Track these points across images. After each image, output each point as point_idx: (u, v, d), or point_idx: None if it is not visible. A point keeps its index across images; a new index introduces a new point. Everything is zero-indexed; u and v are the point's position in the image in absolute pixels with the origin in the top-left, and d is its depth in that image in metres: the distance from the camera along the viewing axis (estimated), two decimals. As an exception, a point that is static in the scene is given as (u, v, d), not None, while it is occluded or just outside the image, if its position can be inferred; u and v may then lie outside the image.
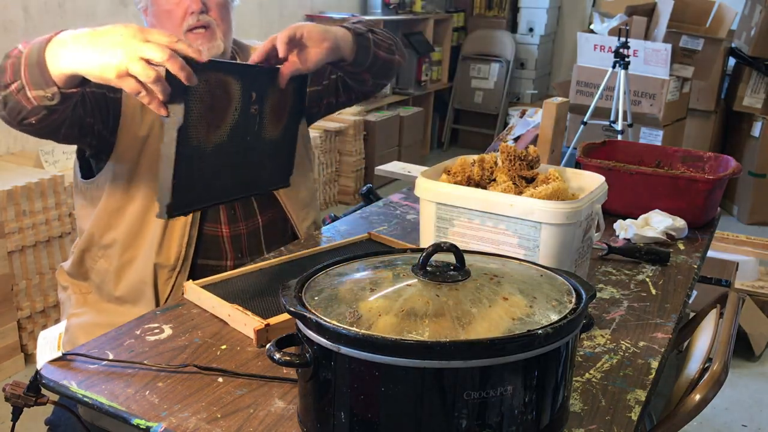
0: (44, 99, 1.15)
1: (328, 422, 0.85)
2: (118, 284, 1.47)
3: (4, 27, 2.79)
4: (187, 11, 1.41)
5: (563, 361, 0.86)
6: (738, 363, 2.86)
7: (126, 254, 1.46)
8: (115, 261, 1.46)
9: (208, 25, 1.44)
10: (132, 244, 1.46)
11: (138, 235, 1.45)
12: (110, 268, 1.47)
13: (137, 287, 1.45)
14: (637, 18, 4.17)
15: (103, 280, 1.49)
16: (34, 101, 1.15)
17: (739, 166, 1.82)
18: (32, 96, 1.15)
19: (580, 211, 1.18)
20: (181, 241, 1.45)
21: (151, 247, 1.44)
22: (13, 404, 1.04)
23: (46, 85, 1.13)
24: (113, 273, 1.47)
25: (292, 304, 0.87)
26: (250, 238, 1.56)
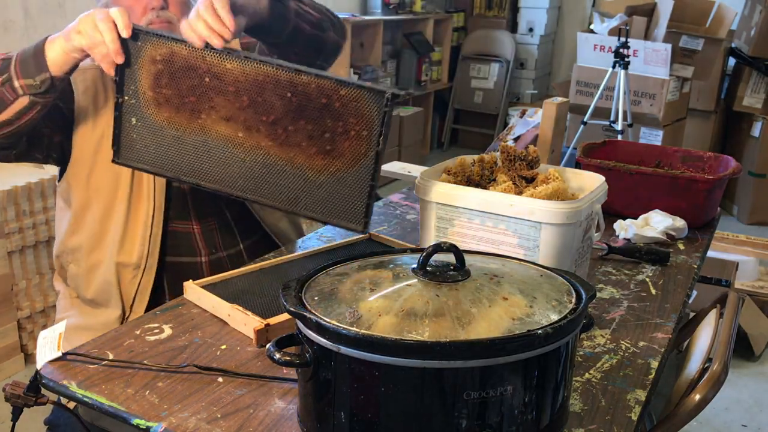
0: (32, 87, 1.25)
1: (328, 422, 0.85)
2: (88, 287, 1.49)
3: (4, 27, 2.79)
4: (147, 7, 1.41)
5: (563, 361, 0.86)
6: (738, 363, 2.86)
7: (91, 257, 1.47)
8: (83, 264, 1.48)
9: (169, 21, 1.43)
10: (96, 247, 1.47)
11: (101, 238, 1.46)
12: (80, 272, 1.49)
13: (104, 288, 1.47)
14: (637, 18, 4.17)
15: (76, 284, 1.51)
16: (19, 90, 1.25)
17: (739, 166, 1.82)
18: (19, 85, 1.25)
19: (580, 211, 1.18)
20: (143, 239, 1.45)
21: (113, 247, 1.45)
22: (13, 404, 1.04)
23: (39, 71, 1.25)
24: (83, 276, 1.49)
25: (292, 304, 0.87)
26: (223, 231, 1.55)
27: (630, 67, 3.81)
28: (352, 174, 1.20)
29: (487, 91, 5.98)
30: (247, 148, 1.25)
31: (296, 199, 1.24)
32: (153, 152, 1.30)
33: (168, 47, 1.23)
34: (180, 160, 1.29)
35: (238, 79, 1.21)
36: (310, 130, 1.20)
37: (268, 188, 1.26)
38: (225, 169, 1.27)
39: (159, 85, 1.25)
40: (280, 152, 1.23)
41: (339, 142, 1.19)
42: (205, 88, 1.23)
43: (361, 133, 1.18)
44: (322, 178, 1.22)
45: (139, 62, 1.25)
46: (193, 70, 1.23)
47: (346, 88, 1.16)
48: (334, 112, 1.18)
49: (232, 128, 1.24)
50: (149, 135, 1.29)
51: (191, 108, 1.25)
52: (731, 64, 4.77)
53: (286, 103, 1.20)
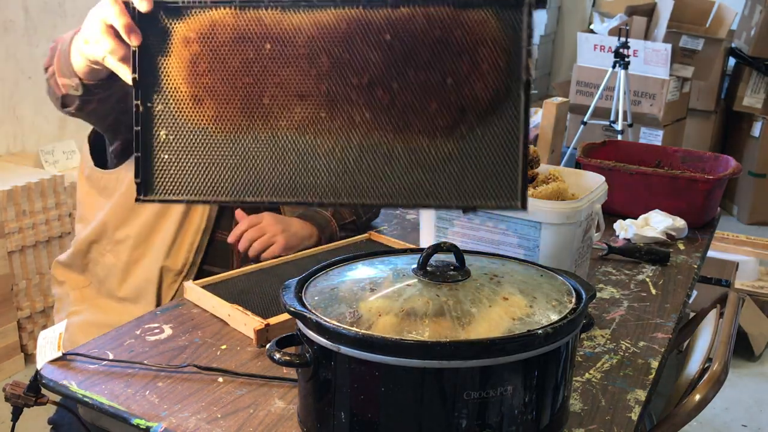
0: (70, 88, 1.15)
1: (328, 422, 0.85)
2: (122, 282, 1.46)
3: (4, 27, 2.79)
4: None
5: (563, 361, 0.86)
6: (738, 363, 2.85)
7: (136, 252, 1.44)
8: (124, 257, 1.44)
9: None
10: (143, 243, 1.44)
11: (150, 235, 1.43)
12: (118, 264, 1.45)
13: (141, 286, 1.44)
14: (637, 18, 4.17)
15: (107, 275, 1.47)
16: (63, 89, 1.16)
17: (739, 166, 1.82)
18: (61, 84, 1.15)
19: (580, 211, 1.18)
20: (191, 247, 1.43)
21: (160, 249, 1.42)
22: (13, 404, 1.04)
23: (71, 74, 1.12)
24: (120, 269, 1.45)
25: (292, 304, 0.87)
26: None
27: (630, 67, 3.80)
28: (492, 127, 0.88)
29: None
30: (335, 131, 0.91)
31: (420, 187, 0.90)
32: (198, 174, 0.93)
33: (205, 16, 0.90)
34: (239, 175, 0.93)
35: (311, 35, 0.89)
36: (424, 80, 0.88)
37: (374, 182, 0.90)
38: (306, 171, 0.92)
39: (197, 72, 0.91)
40: (384, 124, 0.90)
41: (468, 85, 0.87)
42: (266, 60, 0.90)
43: (498, 63, 0.87)
44: (449, 147, 0.89)
45: (166, 50, 0.91)
46: (246, 40, 0.90)
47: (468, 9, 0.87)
48: (456, 46, 0.87)
49: (311, 107, 0.91)
50: (189, 150, 0.93)
51: (248, 94, 0.91)
52: (731, 64, 4.76)
53: (385, 52, 0.88)
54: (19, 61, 2.86)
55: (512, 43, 0.87)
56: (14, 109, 2.89)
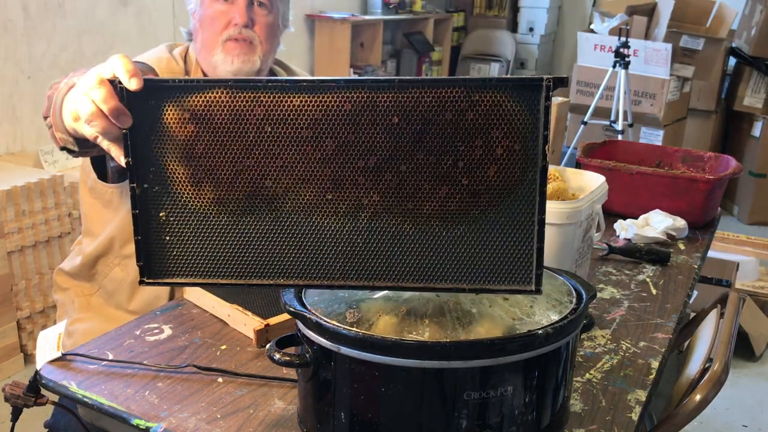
0: (68, 143, 1.11)
1: (328, 422, 0.85)
2: (132, 296, 1.44)
3: (4, 26, 2.78)
4: (231, 22, 1.40)
5: (563, 361, 0.86)
6: (738, 363, 2.85)
7: None
8: (133, 272, 1.42)
9: (250, 40, 1.41)
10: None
11: None
12: (127, 278, 1.44)
13: (151, 301, 1.43)
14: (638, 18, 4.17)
15: (116, 289, 1.46)
16: (60, 142, 1.13)
17: (740, 165, 1.82)
18: (58, 137, 1.12)
19: (581, 211, 1.18)
20: None
21: None
22: (13, 404, 1.04)
23: (66, 133, 1.08)
24: (129, 284, 1.44)
25: (292, 304, 0.87)
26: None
27: (630, 66, 3.80)
28: (505, 210, 0.85)
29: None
30: (342, 213, 0.87)
31: (431, 269, 0.87)
32: (201, 255, 0.90)
33: (200, 96, 0.85)
34: (243, 258, 0.90)
35: (314, 117, 0.85)
36: (435, 163, 0.85)
37: (381, 263, 0.87)
38: (314, 253, 0.89)
39: (194, 154, 0.87)
40: (392, 207, 0.86)
41: (481, 169, 0.84)
42: (268, 142, 0.86)
43: (514, 147, 0.84)
44: (461, 229, 0.86)
45: (159, 130, 0.86)
46: (245, 121, 0.86)
47: (481, 90, 0.83)
48: (467, 129, 0.84)
49: (316, 190, 0.87)
50: (191, 231, 0.89)
51: (250, 176, 0.87)
52: (732, 63, 4.77)
53: (393, 134, 0.84)
54: (19, 61, 2.86)
55: (528, 127, 0.83)
56: (14, 109, 2.89)
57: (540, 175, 0.83)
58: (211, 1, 1.42)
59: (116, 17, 3.30)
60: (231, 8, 1.41)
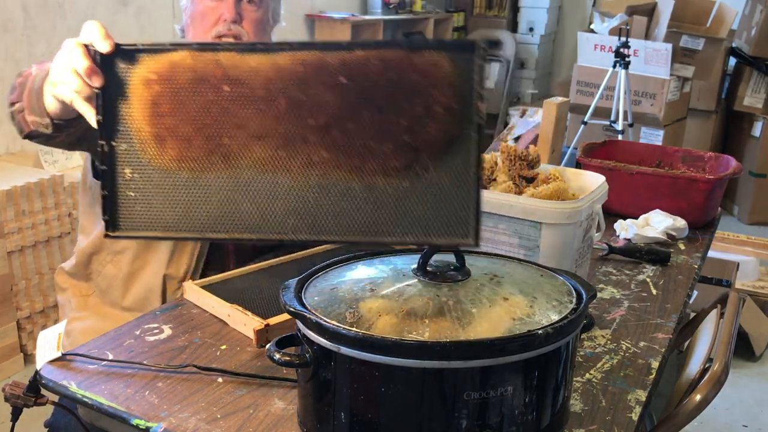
0: (40, 126, 1.15)
1: (328, 422, 0.85)
2: (125, 292, 1.45)
3: (4, 26, 2.78)
4: (220, 18, 1.41)
5: (563, 361, 0.86)
6: (738, 363, 2.85)
7: (137, 262, 1.44)
8: (125, 268, 1.44)
9: (239, 36, 1.43)
10: (143, 253, 1.43)
11: (150, 245, 1.43)
12: (119, 275, 1.45)
13: (144, 296, 1.44)
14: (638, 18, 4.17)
15: (110, 286, 1.47)
16: (31, 125, 1.16)
17: (740, 165, 1.82)
18: (29, 120, 1.15)
19: (581, 211, 1.18)
20: (193, 254, 1.43)
21: (162, 258, 1.42)
22: (13, 404, 1.04)
23: (42, 114, 1.12)
24: (122, 280, 1.45)
25: (292, 304, 0.87)
26: (256, 254, 1.53)
27: (630, 66, 3.80)
28: (446, 166, 0.89)
29: (487, 91, 5.98)
30: (294, 170, 0.92)
31: (374, 224, 0.90)
32: (163, 210, 0.95)
33: (165, 58, 0.92)
34: (202, 212, 0.95)
35: (268, 77, 0.91)
36: (379, 120, 0.89)
37: (332, 219, 0.92)
38: (268, 208, 0.94)
39: (158, 113, 0.93)
40: (340, 163, 0.91)
41: (422, 126, 0.89)
42: (225, 101, 0.92)
43: (451, 106, 0.88)
44: (405, 185, 0.90)
45: (128, 91, 0.93)
46: (205, 81, 0.92)
47: (421, 52, 0.87)
48: (410, 89, 0.88)
49: (270, 147, 0.92)
50: (153, 187, 0.95)
51: (208, 133, 0.93)
52: (732, 63, 4.76)
53: (341, 93, 0.90)
54: (19, 61, 2.86)
55: (465, 87, 0.87)
56: (14, 109, 2.89)
57: (476, 131, 0.87)
58: None
59: (116, 17, 3.30)
60: (220, 4, 1.42)
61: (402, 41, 0.93)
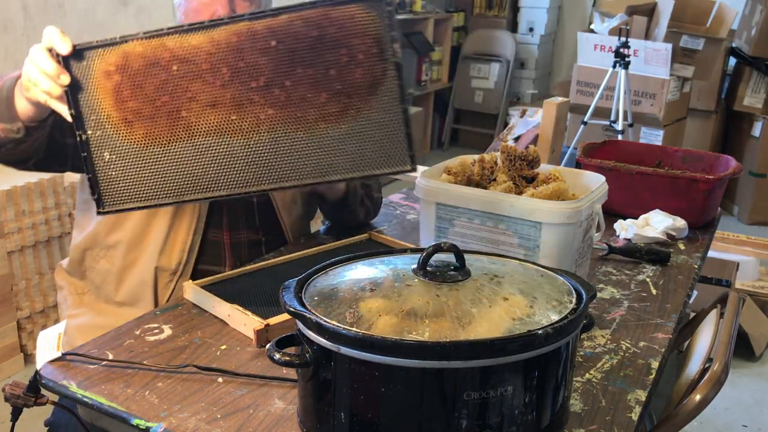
0: (11, 132, 1.19)
1: (328, 422, 0.85)
2: (119, 286, 1.46)
3: (4, 26, 2.78)
4: (214, 14, 1.42)
5: (563, 361, 0.86)
6: (738, 363, 2.85)
7: (129, 256, 1.45)
8: (118, 262, 1.46)
9: None
10: (136, 246, 1.45)
11: (142, 239, 1.44)
12: (112, 269, 1.46)
13: (137, 289, 1.45)
14: (638, 18, 4.17)
15: (103, 281, 1.48)
16: (0, 133, 1.19)
17: (740, 165, 1.82)
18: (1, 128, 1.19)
19: (581, 211, 1.18)
20: (184, 246, 1.44)
21: (154, 250, 1.43)
22: (13, 404, 1.04)
23: (12, 120, 1.17)
24: (115, 274, 1.46)
25: (292, 304, 0.87)
26: (251, 245, 1.54)
27: (630, 66, 3.80)
28: (376, 105, 1.03)
29: (487, 91, 5.98)
30: (246, 130, 1.06)
31: (326, 165, 1.05)
32: (142, 183, 1.10)
33: (119, 50, 1.05)
34: (175, 179, 1.09)
35: (209, 52, 1.04)
36: (311, 74, 1.03)
37: (287, 167, 1.06)
38: (230, 167, 1.08)
39: (122, 99, 1.07)
40: (285, 117, 1.05)
41: (349, 73, 1.02)
42: (177, 79, 1.05)
43: (371, 51, 1.02)
44: (344, 127, 1.04)
45: (92, 84, 1.06)
46: (156, 64, 1.05)
47: (335, 8, 1.01)
48: (332, 42, 1.02)
49: (222, 113, 1.06)
50: (130, 165, 1.09)
51: (168, 110, 1.06)
52: (732, 63, 4.76)
53: (274, 55, 1.03)
54: (19, 61, 2.86)
55: (379, 32, 1.01)
56: (14, 109, 2.89)
57: (396, 69, 1.02)
58: None
59: (116, 17, 3.30)
60: (213, 1, 1.42)
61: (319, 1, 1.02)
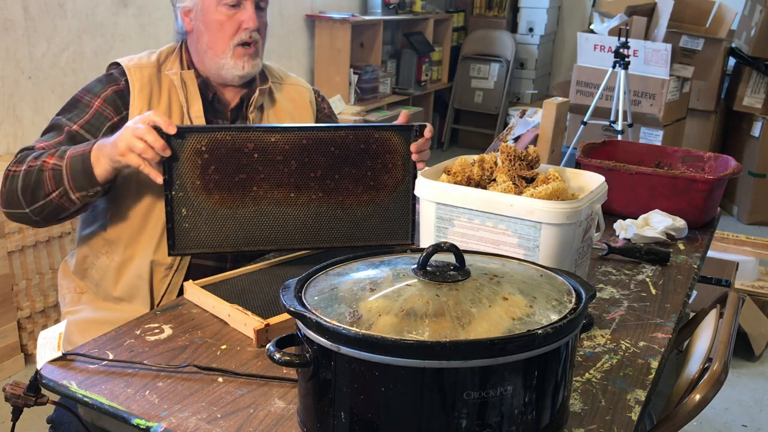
0: (86, 197, 1.35)
1: (328, 422, 0.85)
2: (117, 282, 1.48)
3: (4, 26, 2.79)
4: (241, 26, 1.48)
5: (563, 361, 0.86)
6: (738, 363, 2.85)
7: (127, 251, 1.46)
8: (117, 257, 1.47)
9: (256, 42, 1.50)
10: (134, 241, 1.46)
11: (140, 233, 1.46)
12: (111, 265, 1.48)
13: (135, 283, 1.46)
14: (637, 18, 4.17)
15: (102, 277, 1.49)
16: (77, 201, 1.35)
17: (739, 166, 1.82)
18: (75, 197, 1.34)
19: (580, 211, 1.18)
20: None
21: (149, 245, 1.45)
22: (13, 404, 1.04)
23: (91, 186, 1.33)
24: (114, 270, 1.47)
25: (292, 304, 0.87)
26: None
27: (630, 67, 3.80)
28: (394, 199, 1.44)
29: (487, 91, 5.98)
30: (300, 205, 1.39)
31: (351, 235, 1.44)
32: (208, 234, 1.36)
33: (210, 136, 1.32)
34: (236, 234, 1.37)
35: (284, 148, 1.35)
36: (355, 173, 1.40)
37: (324, 234, 1.42)
38: (282, 229, 1.39)
39: (207, 172, 1.33)
40: (330, 200, 1.40)
41: (379, 176, 1.42)
42: (254, 163, 1.34)
43: (397, 163, 1.42)
44: (369, 210, 1.43)
45: (183, 156, 1.31)
46: (239, 151, 1.33)
47: (379, 131, 1.41)
48: (372, 153, 1.40)
49: (284, 191, 1.37)
50: (202, 220, 1.35)
51: (242, 185, 1.35)
52: (731, 64, 4.77)
53: (331, 157, 1.38)
54: (19, 61, 2.86)
55: (404, 151, 1.42)
56: (14, 109, 2.89)
57: (412, 178, 1.43)
58: (216, 6, 1.47)
59: (116, 17, 3.30)
60: (239, 12, 1.48)
61: (369, 126, 1.40)
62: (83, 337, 1.31)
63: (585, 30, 4.62)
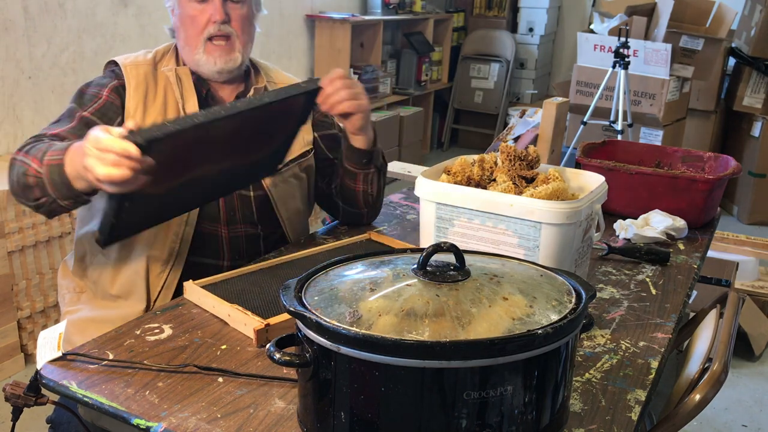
0: (77, 203, 1.32)
1: (328, 422, 0.85)
2: (114, 279, 1.48)
3: (4, 27, 2.79)
4: (209, 20, 1.47)
5: (563, 361, 0.86)
6: (738, 363, 2.86)
7: (124, 249, 1.47)
8: (114, 254, 1.48)
9: (228, 35, 1.49)
10: (131, 240, 1.46)
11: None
12: (108, 262, 1.49)
13: (131, 280, 1.46)
14: (637, 18, 4.17)
15: (100, 275, 1.50)
16: (68, 206, 1.31)
17: (739, 166, 1.82)
18: (65, 204, 1.30)
19: (580, 211, 1.18)
20: (176, 237, 1.46)
21: (146, 239, 1.46)
22: (13, 404, 1.04)
23: (77, 195, 1.28)
24: (111, 267, 1.48)
25: (292, 304, 0.87)
26: (249, 240, 1.55)
27: (630, 67, 3.80)
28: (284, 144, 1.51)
29: (487, 91, 5.98)
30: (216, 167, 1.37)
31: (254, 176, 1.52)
32: (146, 216, 1.34)
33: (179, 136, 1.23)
34: (170, 207, 1.38)
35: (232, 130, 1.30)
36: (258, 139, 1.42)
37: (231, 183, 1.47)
38: (205, 190, 1.42)
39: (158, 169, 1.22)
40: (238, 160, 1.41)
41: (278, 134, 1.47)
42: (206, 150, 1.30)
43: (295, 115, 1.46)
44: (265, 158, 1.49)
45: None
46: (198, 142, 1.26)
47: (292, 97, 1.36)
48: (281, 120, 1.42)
49: (216, 162, 1.35)
50: (143, 207, 1.28)
51: (188, 167, 1.29)
52: (731, 64, 4.77)
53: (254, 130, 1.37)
54: (19, 61, 2.86)
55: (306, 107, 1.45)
56: (14, 109, 2.89)
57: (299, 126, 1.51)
58: (188, 1, 1.47)
59: (116, 17, 3.30)
60: (207, 6, 1.47)
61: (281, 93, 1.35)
62: (83, 337, 1.32)
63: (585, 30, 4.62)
